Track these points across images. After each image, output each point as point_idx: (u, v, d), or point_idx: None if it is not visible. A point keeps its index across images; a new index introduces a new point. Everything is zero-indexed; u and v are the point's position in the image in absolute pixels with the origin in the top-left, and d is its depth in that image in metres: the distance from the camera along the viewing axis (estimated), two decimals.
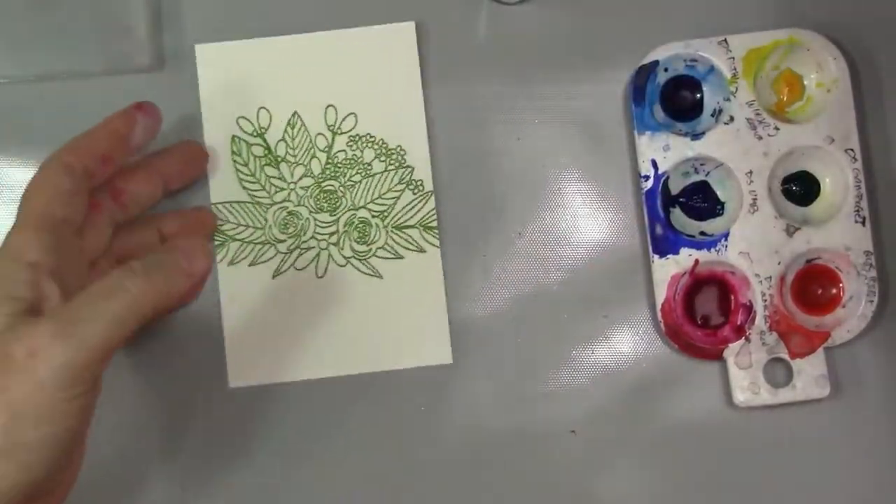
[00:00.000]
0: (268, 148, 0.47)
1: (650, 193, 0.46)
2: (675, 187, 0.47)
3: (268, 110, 0.47)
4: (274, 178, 0.47)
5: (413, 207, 0.47)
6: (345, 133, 0.47)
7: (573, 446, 0.47)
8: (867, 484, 0.46)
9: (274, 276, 0.47)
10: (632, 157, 0.47)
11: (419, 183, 0.47)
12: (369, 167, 0.47)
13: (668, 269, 0.46)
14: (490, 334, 0.47)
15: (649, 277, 0.47)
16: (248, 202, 0.47)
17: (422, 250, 0.47)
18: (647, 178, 0.46)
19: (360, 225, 0.47)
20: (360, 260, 0.47)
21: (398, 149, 0.47)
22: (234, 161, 0.47)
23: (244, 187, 0.47)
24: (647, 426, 0.47)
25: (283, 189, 0.47)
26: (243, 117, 0.47)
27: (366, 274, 0.47)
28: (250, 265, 0.47)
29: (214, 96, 0.47)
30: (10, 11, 0.48)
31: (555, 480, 0.46)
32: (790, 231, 0.46)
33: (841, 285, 0.46)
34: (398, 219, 0.47)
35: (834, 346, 0.46)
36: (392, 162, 0.47)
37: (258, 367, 0.46)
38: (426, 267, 0.47)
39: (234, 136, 0.47)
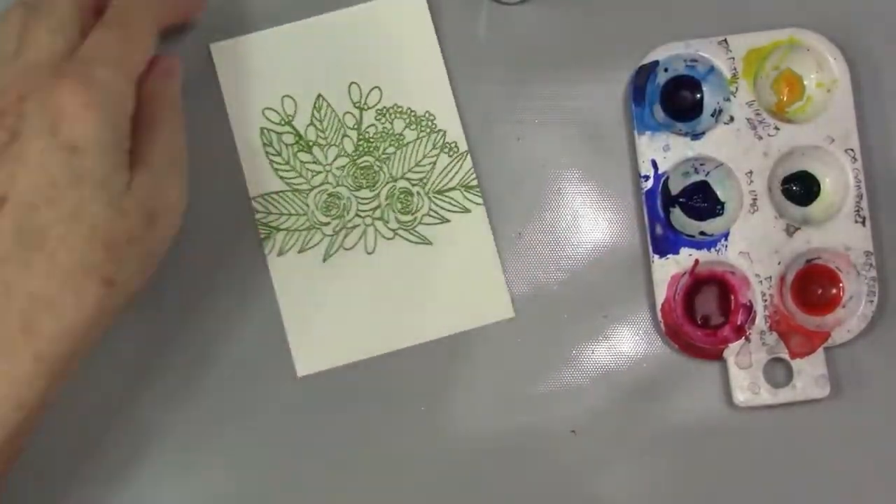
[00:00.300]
0: (298, 134, 0.47)
1: (650, 193, 0.46)
2: (675, 187, 0.47)
3: (292, 97, 0.47)
4: (308, 162, 0.47)
5: (451, 170, 0.47)
6: (372, 107, 0.47)
7: (573, 446, 0.47)
8: (867, 484, 0.46)
9: (324, 260, 0.47)
10: (632, 157, 0.47)
11: (453, 145, 0.47)
12: (401, 137, 0.47)
13: (668, 269, 0.46)
14: (490, 334, 0.47)
15: (649, 277, 0.47)
16: (287, 190, 0.47)
17: (466, 210, 0.47)
18: (647, 178, 0.46)
19: (402, 195, 0.47)
20: (406, 230, 0.47)
21: (427, 115, 0.47)
22: (267, 152, 0.47)
23: (280, 177, 0.47)
24: (647, 426, 0.47)
25: (319, 172, 0.47)
26: (269, 108, 0.47)
27: (415, 243, 0.47)
28: (299, 252, 0.47)
29: (237, 92, 0.47)
30: None
31: (555, 480, 0.46)
32: (790, 231, 0.46)
33: (841, 285, 0.46)
34: (438, 183, 0.47)
35: (834, 346, 0.46)
36: (423, 129, 0.47)
37: (323, 352, 0.46)
38: (473, 226, 0.47)
39: (262, 129, 0.47)
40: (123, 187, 0.37)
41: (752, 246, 0.46)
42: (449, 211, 0.47)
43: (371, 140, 0.47)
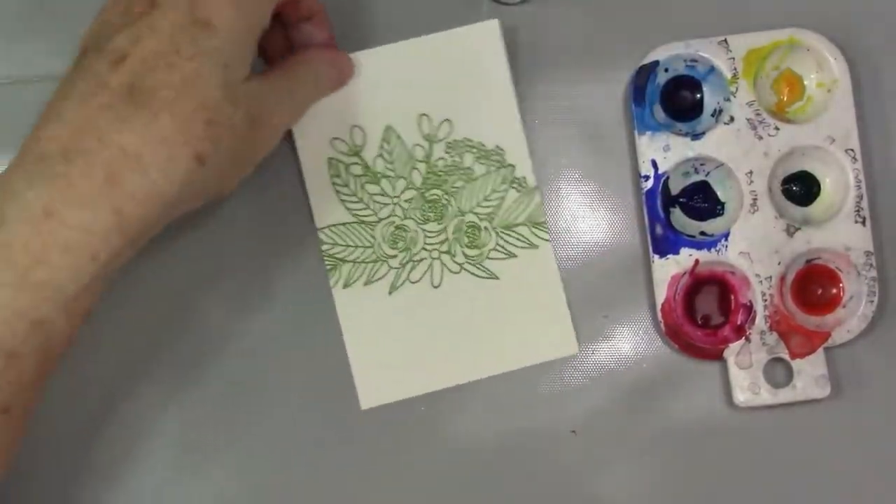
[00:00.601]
0: (366, 165, 0.47)
1: (650, 193, 0.46)
2: (676, 187, 0.47)
3: (361, 128, 0.46)
4: (376, 194, 0.47)
5: (519, 205, 0.47)
6: (442, 140, 0.47)
7: (573, 446, 0.47)
8: (867, 484, 0.46)
9: (390, 293, 0.46)
10: (632, 157, 0.47)
11: (522, 180, 0.47)
12: (471, 171, 0.47)
13: (669, 269, 0.46)
14: None
15: (649, 277, 0.47)
16: (354, 222, 0.47)
17: (534, 246, 0.47)
18: (647, 178, 0.46)
19: (469, 230, 0.46)
20: (473, 264, 0.46)
21: (497, 149, 0.47)
22: (334, 183, 0.46)
23: (348, 208, 0.47)
24: (648, 426, 0.47)
25: (387, 204, 0.47)
26: (337, 138, 0.46)
27: (481, 277, 0.47)
28: (365, 285, 0.46)
29: (305, 121, 0.46)
30: (9, 11, 0.48)
31: (555, 480, 0.46)
32: (790, 231, 0.46)
33: (841, 285, 0.46)
34: (506, 218, 0.47)
35: (834, 346, 0.46)
36: (493, 163, 0.47)
37: (387, 385, 0.46)
38: (540, 262, 0.47)
39: (329, 159, 0.46)
40: (240, 81, 0.39)
41: (753, 246, 0.46)
42: (516, 246, 0.47)
43: (440, 173, 0.47)
